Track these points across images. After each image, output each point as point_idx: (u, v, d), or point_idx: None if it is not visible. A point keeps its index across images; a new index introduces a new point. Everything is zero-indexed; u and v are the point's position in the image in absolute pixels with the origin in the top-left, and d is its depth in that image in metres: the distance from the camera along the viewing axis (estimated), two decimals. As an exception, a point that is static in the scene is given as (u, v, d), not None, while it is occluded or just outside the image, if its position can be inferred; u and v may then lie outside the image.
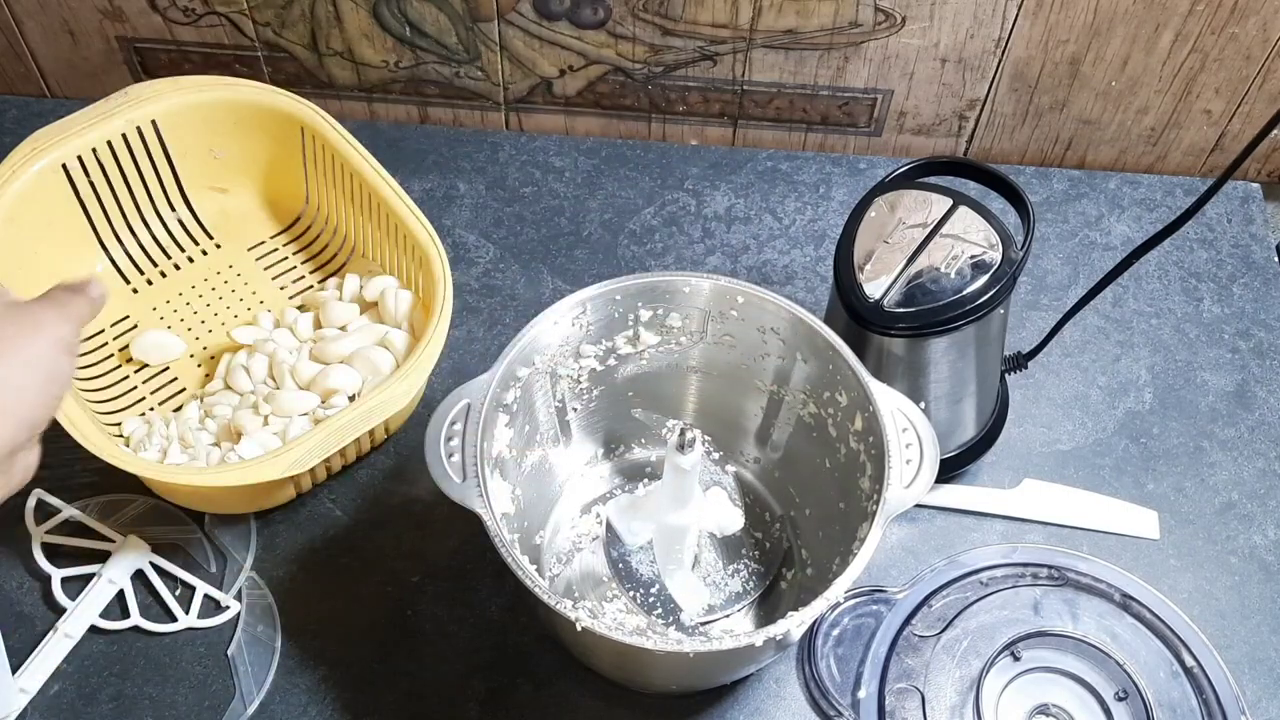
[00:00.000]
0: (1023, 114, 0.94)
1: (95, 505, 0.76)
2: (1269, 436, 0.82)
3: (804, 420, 0.72)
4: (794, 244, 0.91)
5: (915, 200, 0.69)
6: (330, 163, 0.84)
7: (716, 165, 0.95)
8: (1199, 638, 0.70)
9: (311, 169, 0.86)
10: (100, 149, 0.80)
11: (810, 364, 0.68)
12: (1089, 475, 0.80)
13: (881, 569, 0.75)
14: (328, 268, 0.88)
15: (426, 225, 0.78)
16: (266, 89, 0.84)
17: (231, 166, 0.88)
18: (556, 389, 0.71)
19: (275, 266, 0.87)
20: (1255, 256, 0.91)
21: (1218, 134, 0.95)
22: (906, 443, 0.62)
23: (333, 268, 0.87)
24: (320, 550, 0.76)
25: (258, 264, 0.87)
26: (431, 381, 0.83)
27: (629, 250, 0.90)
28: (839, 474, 0.69)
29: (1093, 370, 0.85)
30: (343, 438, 0.69)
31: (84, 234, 0.83)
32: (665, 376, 0.75)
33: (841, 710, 0.68)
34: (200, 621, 0.72)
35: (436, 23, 0.92)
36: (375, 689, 0.70)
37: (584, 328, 0.69)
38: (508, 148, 0.96)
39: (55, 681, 0.70)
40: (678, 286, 0.69)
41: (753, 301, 0.68)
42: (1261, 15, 0.84)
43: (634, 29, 0.90)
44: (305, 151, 0.86)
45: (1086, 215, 0.93)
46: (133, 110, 0.81)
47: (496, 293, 0.88)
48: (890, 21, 0.88)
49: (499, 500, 0.64)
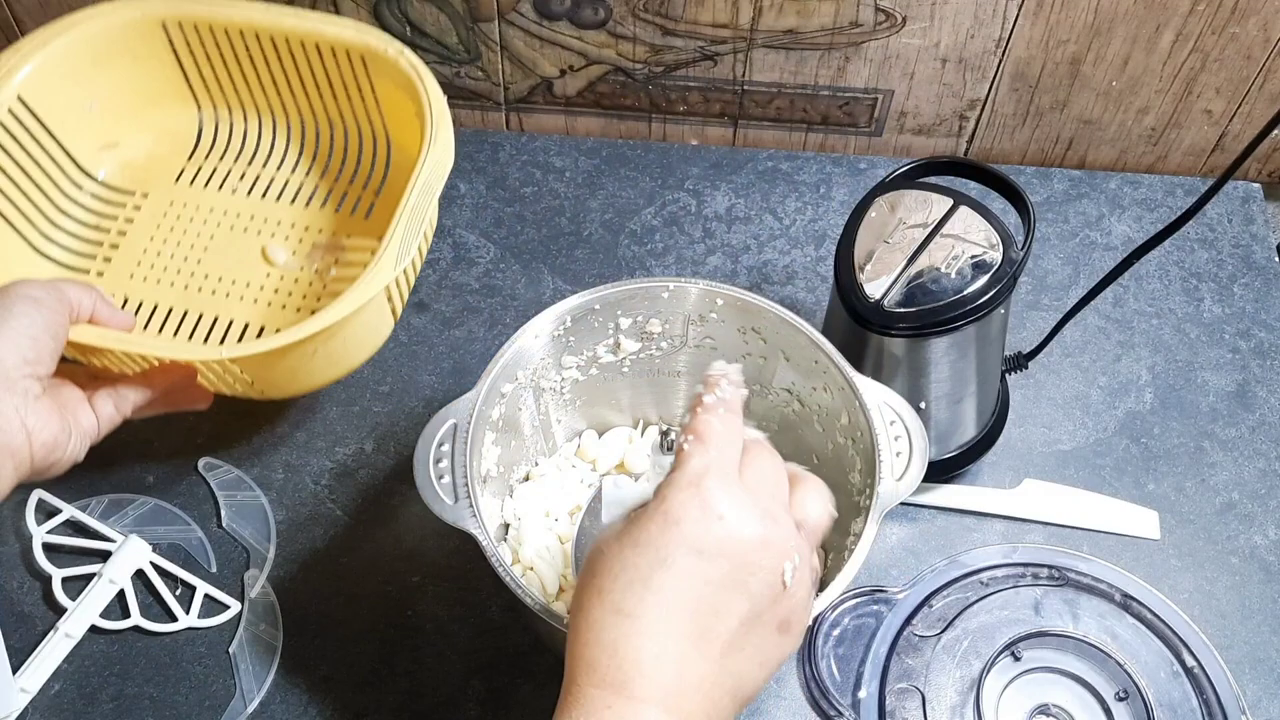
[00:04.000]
0: (1023, 114, 0.94)
1: (95, 505, 0.77)
2: (1270, 436, 0.82)
3: (789, 418, 0.72)
4: (794, 244, 0.91)
5: (916, 200, 0.69)
6: (217, 40, 0.80)
7: (717, 165, 0.95)
8: (1199, 638, 0.70)
9: (191, 64, 0.82)
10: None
11: (793, 361, 0.68)
12: (1089, 475, 0.80)
13: (882, 569, 0.75)
14: (265, 152, 0.86)
15: (377, 33, 0.76)
16: (106, 7, 0.78)
17: (109, 114, 0.82)
18: (540, 402, 0.71)
19: (215, 180, 0.85)
20: (1256, 256, 0.91)
21: (1218, 134, 0.95)
22: (895, 435, 0.62)
23: (275, 150, 0.86)
24: (320, 550, 0.76)
25: (203, 189, 0.84)
26: (432, 382, 0.83)
27: (629, 250, 0.90)
28: (828, 470, 0.69)
29: (1093, 370, 0.85)
30: (419, 214, 0.69)
31: (12, 243, 0.78)
32: (651, 382, 0.75)
33: (842, 710, 0.68)
34: (201, 621, 0.72)
35: (437, 23, 0.92)
36: (375, 689, 0.71)
37: (565, 339, 0.69)
38: (508, 148, 0.96)
39: (56, 681, 0.70)
40: (656, 292, 0.68)
41: (731, 303, 0.68)
42: (1262, 15, 0.84)
43: (634, 29, 0.90)
44: (178, 49, 0.81)
45: (1087, 215, 0.93)
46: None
47: (497, 293, 0.88)
48: (891, 21, 0.88)
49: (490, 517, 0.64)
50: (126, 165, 0.85)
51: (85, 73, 0.79)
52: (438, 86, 0.76)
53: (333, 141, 0.86)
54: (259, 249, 0.82)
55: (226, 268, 0.81)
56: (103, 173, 0.84)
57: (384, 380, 0.83)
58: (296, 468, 0.79)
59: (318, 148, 0.86)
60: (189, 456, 0.79)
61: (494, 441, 0.67)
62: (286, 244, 0.82)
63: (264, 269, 0.81)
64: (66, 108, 0.80)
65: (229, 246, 0.82)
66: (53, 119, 0.79)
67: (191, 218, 0.83)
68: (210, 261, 0.81)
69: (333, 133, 0.86)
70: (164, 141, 0.86)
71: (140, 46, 0.80)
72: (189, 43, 0.81)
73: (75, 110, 0.80)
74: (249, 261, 0.81)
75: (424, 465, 0.61)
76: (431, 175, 0.71)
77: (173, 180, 0.85)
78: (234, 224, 0.83)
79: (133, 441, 0.79)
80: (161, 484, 0.78)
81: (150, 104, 0.84)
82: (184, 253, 0.82)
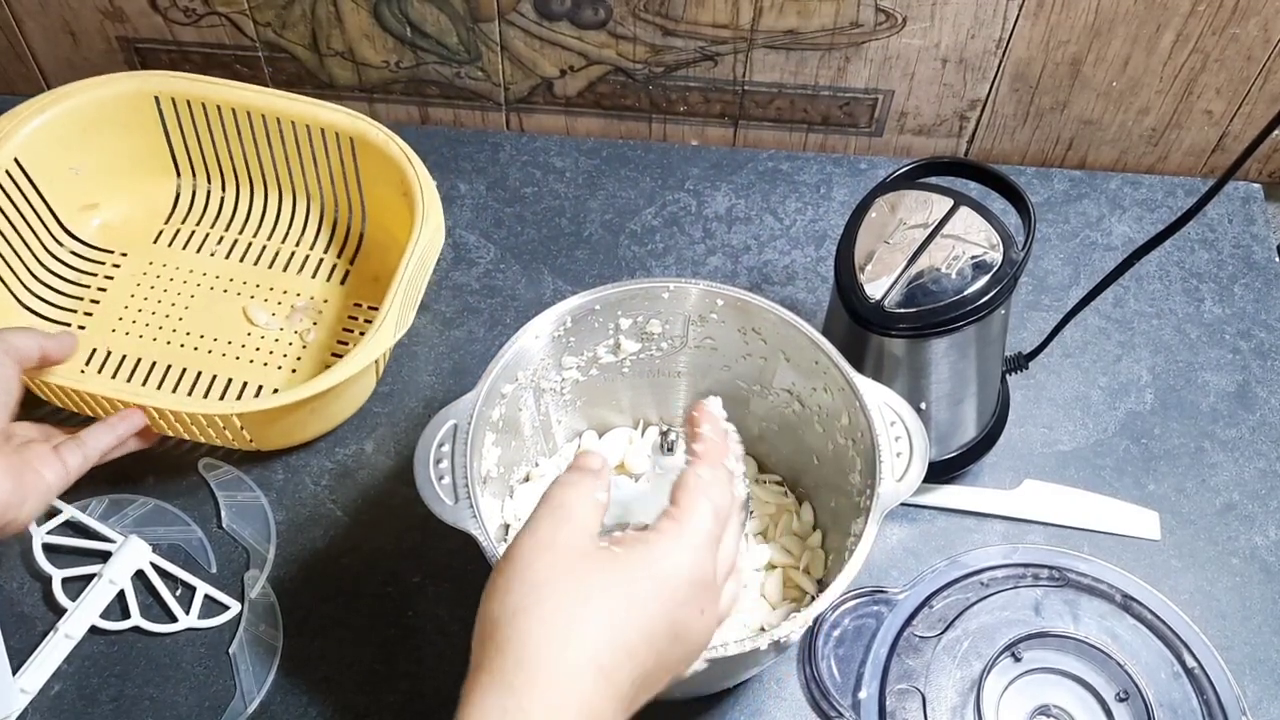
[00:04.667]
0: (1024, 114, 0.94)
1: (95, 505, 0.77)
2: (1270, 437, 0.82)
3: (789, 418, 0.72)
4: (795, 244, 0.91)
5: (916, 200, 0.69)
6: (208, 116, 0.85)
7: (717, 165, 0.95)
8: (1200, 638, 0.70)
9: (178, 136, 0.87)
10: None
11: (793, 362, 0.68)
12: (1090, 476, 0.80)
13: (882, 569, 0.75)
14: (241, 219, 0.90)
15: (361, 117, 0.82)
16: (108, 79, 0.84)
17: (92, 177, 0.87)
18: (540, 402, 0.71)
19: (193, 243, 0.89)
20: (1256, 257, 0.91)
21: (1219, 134, 0.95)
22: (895, 436, 0.62)
23: (252, 217, 0.90)
24: (320, 550, 0.76)
25: (181, 251, 0.89)
26: (432, 382, 0.83)
27: (629, 251, 0.90)
28: (828, 470, 0.69)
29: (1093, 371, 0.85)
30: (414, 286, 0.76)
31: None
32: (651, 382, 0.75)
33: (842, 711, 0.68)
34: (201, 622, 0.72)
35: (437, 23, 0.92)
36: (375, 689, 0.70)
37: (565, 340, 0.69)
38: (508, 148, 0.96)
39: (56, 682, 0.70)
40: (656, 293, 0.69)
41: (731, 303, 0.68)
42: (1262, 15, 0.84)
43: (635, 29, 0.90)
44: (166, 121, 0.86)
45: (1087, 216, 0.93)
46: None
47: (497, 293, 0.88)
48: (891, 22, 0.88)
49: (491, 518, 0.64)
50: (105, 226, 0.89)
51: (75, 138, 0.84)
52: (425, 170, 0.80)
53: (308, 212, 0.90)
54: (240, 309, 0.86)
55: (209, 325, 0.85)
56: (81, 233, 0.88)
57: (384, 380, 0.83)
58: (296, 468, 0.79)
59: (293, 217, 0.90)
60: (189, 457, 0.79)
61: (494, 442, 0.67)
62: (266, 305, 0.86)
63: (245, 328, 0.85)
64: (54, 170, 0.85)
65: (210, 306, 0.86)
66: (41, 180, 0.84)
67: (171, 277, 0.88)
68: (192, 319, 0.85)
69: (309, 204, 0.90)
70: (141, 205, 0.90)
71: (131, 117, 0.85)
72: (179, 115, 0.86)
73: (61, 173, 0.85)
74: (231, 321, 0.85)
75: (424, 465, 0.61)
76: (425, 252, 0.78)
77: (150, 241, 0.90)
78: (214, 285, 0.87)
79: (133, 442, 0.80)
80: (161, 484, 0.78)
81: (131, 170, 0.89)
82: (165, 310, 0.86)
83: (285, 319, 0.85)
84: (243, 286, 0.87)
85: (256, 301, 0.86)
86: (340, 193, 0.88)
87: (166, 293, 0.87)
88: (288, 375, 0.82)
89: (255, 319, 0.85)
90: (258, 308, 0.85)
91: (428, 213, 0.78)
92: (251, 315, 0.85)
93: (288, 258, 0.89)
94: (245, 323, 0.85)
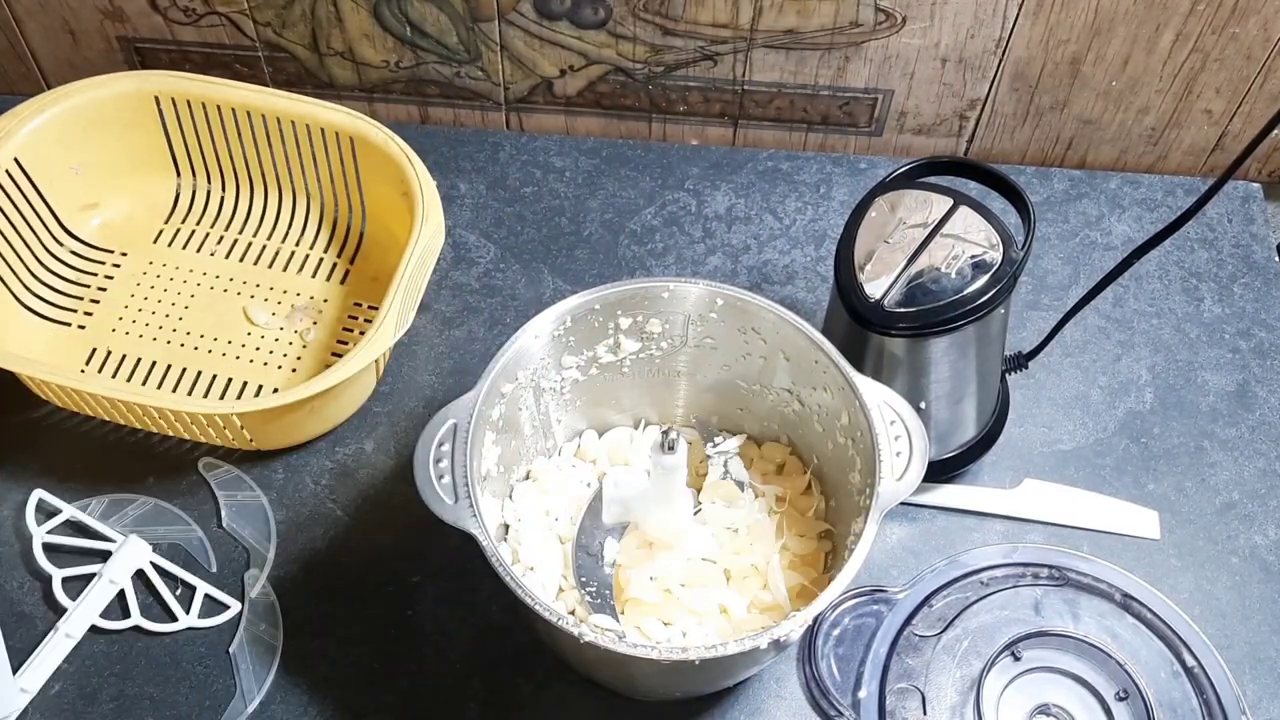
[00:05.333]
0: (1023, 114, 0.94)
1: (95, 505, 0.77)
2: (1270, 436, 0.82)
3: (789, 418, 0.72)
4: (794, 244, 0.91)
5: (916, 200, 0.69)
6: (208, 115, 0.85)
7: (717, 165, 0.95)
8: (1200, 638, 0.70)
9: (178, 136, 0.87)
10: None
11: (793, 361, 0.68)
12: (1089, 475, 0.80)
13: (882, 569, 0.75)
14: (241, 219, 0.90)
15: (362, 116, 0.82)
16: (108, 78, 0.84)
17: (91, 177, 0.87)
18: (540, 402, 0.71)
19: (193, 243, 0.89)
20: (1256, 256, 0.91)
21: (1218, 134, 0.95)
22: (895, 435, 0.62)
23: (252, 217, 0.90)
24: (320, 550, 0.76)
25: (181, 251, 0.89)
26: (432, 382, 0.83)
27: (629, 250, 0.90)
28: (828, 469, 0.69)
29: (1093, 370, 0.85)
30: (414, 286, 0.75)
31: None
32: (651, 381, 0.75)
33: (842, 710, 0.68)
34: (201, 621, 0.72)
35: (437, 23, 0.92)
36: (375, 689, 0.71)
37: (564, 339, 0.69)
38: (508, 148, 0.96)
39: (56, 681, 0.70)
40: (656, 292, 0.69)
41: (731, 303, 0.68)
42: (1262, 15, 0.84)
43: (634, 29, 0.90)
44: (166, 121, 0.86)
45: (1087, 215, 0.93)
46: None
47: (497, 293, 0.88)
48: (891, 21, 0.88)
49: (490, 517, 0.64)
50: (105, 225, 0.89)
51: (76, 138, 0.85)
52: (425, 169, 0.80)
53: (308, 212, 0.90)
54: (240, 309, 0.86)
55: (208, 325, 0.85)
56: (80, 232, 0.88)
57: (384, 380, 0.83)
58: (296, 467, 0.79)
59: (293, 217, 0.90)
60: (189, 456, 0.79)
61: (494, 441, 0.67)
62: (266, 305, 0.86)
63: (245, 328, 0.85)
64: (54, 169, 0.85)
65: (210, 306, 0.86)
66: (41, 179, 0.84)
67: (171, 277, 0.88)
68: (192, 319, 0.85)
69: (309, 204, 0.90)
70: (141, 205, 0.90)
71: (131, 116, 0.86)
72: (179, 115, 0.86)
73: (61, 172, 0.85)
74: (230, 320, 0.85)
75: (424, 465, 0.61)
76: (425, 252, 0.78)
77: (150, 241, 0.89)
78: (214, 284, 0.87)
79: (133, 441, 0.80)
80: (161, 484, 0.78)
81: (131, 170, 0.89)
82: (165, 310, 0.86)
83: (285, 319, 0.85)
84: (243, 286, 0.87)
85: (256, 301, 0.86)
86: (340, 192, 0.88)
87: (166, 292, 0.87)
88: (288, 375, 0.82)
89: (255, 319, 0.85)
90: (258, 307, 0.86)
91: (428, 212, 0.78)
92: (251, 315, 0.85)
93: (288, 257, 0.89)
94: (245, 322, 0.85)
